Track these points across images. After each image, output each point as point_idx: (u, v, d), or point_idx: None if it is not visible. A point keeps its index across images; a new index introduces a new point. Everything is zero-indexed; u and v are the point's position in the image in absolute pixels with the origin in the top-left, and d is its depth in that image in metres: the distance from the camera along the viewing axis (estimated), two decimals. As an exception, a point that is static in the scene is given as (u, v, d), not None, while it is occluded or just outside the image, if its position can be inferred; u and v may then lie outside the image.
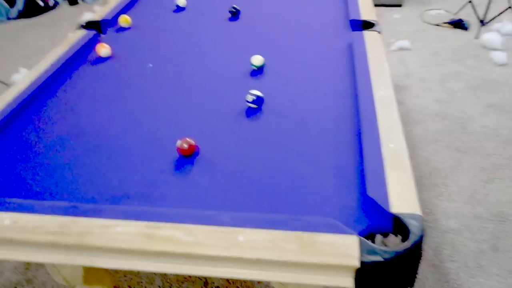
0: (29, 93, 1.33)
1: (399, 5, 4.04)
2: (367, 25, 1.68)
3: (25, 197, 0.98)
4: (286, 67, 1.47)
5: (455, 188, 1.97)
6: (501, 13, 3.56)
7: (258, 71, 1.45)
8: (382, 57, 1.44)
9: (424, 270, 1.62)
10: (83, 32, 1.73)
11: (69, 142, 1.16)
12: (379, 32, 1.63)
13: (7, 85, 3.08)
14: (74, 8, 4.56)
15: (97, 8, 4.40)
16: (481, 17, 3.57)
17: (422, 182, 2.01)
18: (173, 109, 1.27)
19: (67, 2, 4.69)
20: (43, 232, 0.85)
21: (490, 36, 3.23)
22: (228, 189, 0.97)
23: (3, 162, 1.09)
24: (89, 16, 4.16)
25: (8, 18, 4.38)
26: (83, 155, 1.10)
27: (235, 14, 1.87)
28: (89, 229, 0.85)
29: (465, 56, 3.14)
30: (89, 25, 1.80)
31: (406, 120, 2.45)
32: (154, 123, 1.22)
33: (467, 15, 3.75)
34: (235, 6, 1.86)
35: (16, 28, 4.17)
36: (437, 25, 3.67)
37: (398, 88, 2.78)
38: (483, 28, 3.47)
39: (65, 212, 0.89)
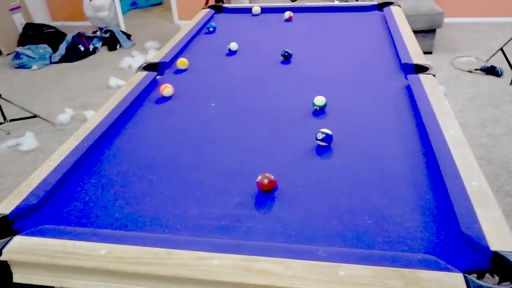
0: (102, 130, 1.37)
1: (430, 52, 4.13)
2: (420, 68, 1.72)
3: (111, 227, 0.99)
4: (346, 107, 1.50)
5: (510, 233, 1.92)
6: (534, 60, 3.61)
7: (320, 111, 1.48)
8: (443, 99, 1.46)
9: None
10: (144, 73, 1.80)
11: (141, 174, 1.18)
12: (433, 75, 1.67)
13: (53, 125, 3.19)
14: (112, 53, 4.77)
15: (135, 52, 4.60)
16: (514, 64, 3.61)
17: (474, 227, 1.97)
18: (241, 146, 1.30)
19: (106, 48, 4.92)
20: (140, 263, 0.85)
21: (526, 82, 3.25)
22: (310, 224, 0.97)
23: (85, 194, 1.12)
24: (128, 60, 4.35)
25: (51, 62, 4.59)
26: (159, 187, 1.12)
27: (287, 58, 1.93)
28: (185, 261, 0.85)
29: (501, 102, 3.16)
30: (148, 67, 1.88)
31: (450, 164, 2.43)
32: (223, 158, 1.24)
33: (498, 62, 3.81)
34: (287, 50, 1.93)
35: (59, 70, 4.37)
36: (469, 71, 3.72)
37: (438, 132, 2.78)
38: (517, 74, 3.51)
39: (158, 243, 0.89)
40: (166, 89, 1.63)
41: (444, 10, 4.38)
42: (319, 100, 1.47)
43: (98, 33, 5.09)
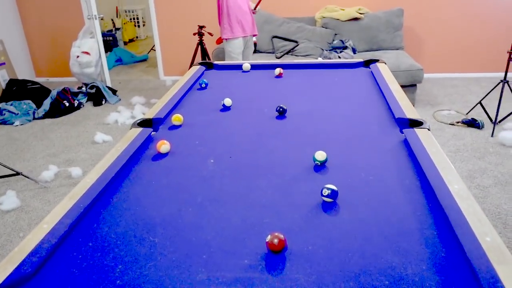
0: (98, 189, 1.32)
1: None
2: (413, 123, 1.75)
3: (114, 298, 0.92)
4: (346, 162, 1.49)
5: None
6: (511, 113, 3.75)
7: (321, 166, 1.47)
8: (442, 153, 1.48)
9: None
10: (139, 129, 1.78)
11: (142, 235, 1.12)
12: (428, 130, 1.69)
13: (37, 182, 3.08)
14: (98, 108, 4.75)
15: (121, 108, 4.59)
16: (493, 116, 3.75)
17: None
18: (245, 203, 1.26)
19: (91, 103, 4.91)
20: (148, 336, 0.78)
21: (507, 135, 3.36)
22: (326, 287, 0.93)
23: (83, 259, 1.05)
24: (114, 115, 4.33)
25: (34, 118, 4.53)
26: (162, 250, 1.06)
27: (282, 113, 1.95)
28: (197, 333, 0.78)
29: (486, 153, 3.23)
30: (142, 123, 1.85)
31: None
32: (228, 217, 1.20)
33: (477, 115, 3.94)
34: (281, 105, 1.95)
35: (42, 126, 4.30)
36: (451, 124, 3.83)
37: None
38: (497, 126, 3.62)
39: (167, 313, 0.83)
40: (163, 146, 1.60)
41: (423, 66, 4.59)
42: (320, 155, 1.46)
43: (84, 88, 5.09)
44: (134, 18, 9.04)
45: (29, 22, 5.87)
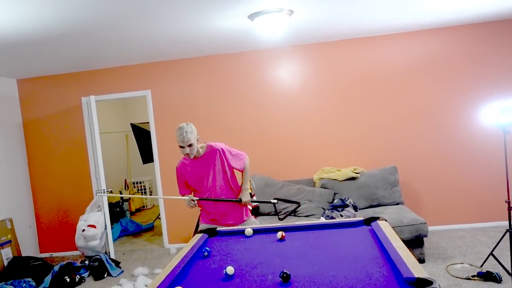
0: None
1: (423, 261, 4.12)
2: (422, 282, 1.68)
3: None
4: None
5: None
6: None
7: (330, 338, 1.36)
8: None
9: None
10: (138, 306, 1.71)
11: None
12: (439, 288, 1.62)
13: None
14: (99, 282, 4.61)
15: (123, 280, 4.44)
16: (508, 267, 3.60)
17: None
18: None
19: (92, 277, 4.77)
20: None
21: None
22: None
23: None
24: (115, 290, 4.16)
25: (33, 297, 4.36)
26: None
27: (286, 280, 1.88)
28: None
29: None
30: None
31: None
32: None
33: (492, 266, 3.79)
34: (285, 271, 1.90)
35: (40, 307, 4.10)
36: (467, 278, 3.65)
37: None
38: (516, 278, 3.45)
39: None
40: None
41: (426, 219, 4.60)
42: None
43: (86, 262, 5.01)
44: (141, 189, 9.42)
45: (40, 200, 6.11)
